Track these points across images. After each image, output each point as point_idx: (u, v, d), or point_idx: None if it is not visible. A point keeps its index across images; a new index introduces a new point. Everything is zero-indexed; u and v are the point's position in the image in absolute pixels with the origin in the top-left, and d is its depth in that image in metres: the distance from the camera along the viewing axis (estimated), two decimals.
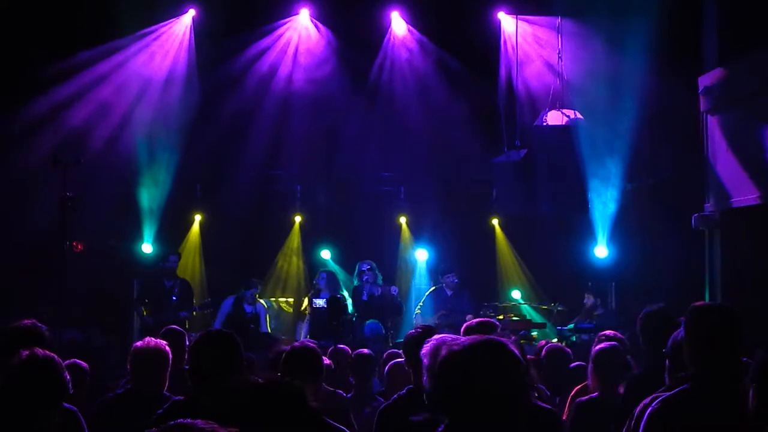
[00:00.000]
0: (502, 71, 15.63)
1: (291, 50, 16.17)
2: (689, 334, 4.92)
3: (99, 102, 14.90)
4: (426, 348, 4.92)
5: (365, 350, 8.99)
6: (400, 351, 6.92)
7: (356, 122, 16.25)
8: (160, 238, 15.49)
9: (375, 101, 16.31)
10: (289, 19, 15.99)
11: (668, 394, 4.83)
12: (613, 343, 7.22)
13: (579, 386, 7.62)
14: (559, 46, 14.41)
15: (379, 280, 14.48)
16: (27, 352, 4.56)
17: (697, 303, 5.09)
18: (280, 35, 16.13)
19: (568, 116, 13.77)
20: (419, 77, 16.29)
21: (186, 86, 15.54)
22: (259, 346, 11.83)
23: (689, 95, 12.93)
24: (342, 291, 14.39)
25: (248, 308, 14.16)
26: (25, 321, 6.03)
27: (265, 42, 16.03)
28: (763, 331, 8.96)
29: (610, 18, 13.16)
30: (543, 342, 10.28)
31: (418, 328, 6.26)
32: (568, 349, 9.44)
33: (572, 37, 14.41)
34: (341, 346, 9.34)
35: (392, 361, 7.99)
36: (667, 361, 5.43)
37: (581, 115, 13.85)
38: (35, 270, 13.64)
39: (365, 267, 14.41)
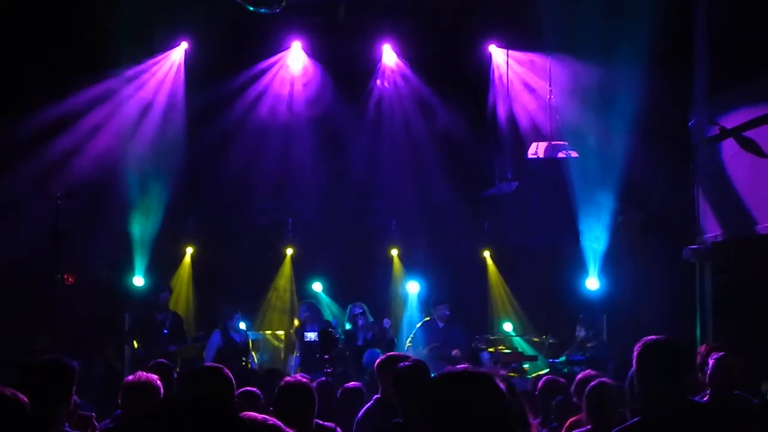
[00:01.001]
0: (493, 104, 15.71)
1: (283, 83, 16.22)
2: (637, 368, 5.04)
3: (91, 134, 14.91)
4: None
5: (354, 384, 8.97)
6: None
7: (348, 154, 16.31)
8: (151, 271, 15.44)
9: (367, 133, 16.36)
10: (281, 53, 16.05)
11: (622, 426, 4.93)
12: (604, 379, 7.23)
13: (573, 418, 7.62)
14: (550, 80, 14.49)
15: (370, 320, 14.45)
16: None
17: (648, 338, 5.18)
18: (273, 68, 16.19)
19: (558, 149, 13.83)
20: (410, 109, 16.35)
21: (178, 119, 15.57)
22: (256, 378, 11.78)
23: (680, 128, 12.99)
24: (328, 319, 14.38)
25: (237, 337, 14.07)
26: (53, 356, 5.94)
27: (257, 75, 16.08)
28: (753, 364, 8.99)
29: (601, 53, 13.23)
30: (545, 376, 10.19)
31: (408, 361, 6.29)
32: (562, 380, 9.42)
33: (563, 71, 14.49)
34: (329, 379, 9.32)
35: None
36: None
37: (572, 147, 13.92)
38: (28, 302, 13.59)
39: (357, 311, 14.38)
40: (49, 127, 14.51)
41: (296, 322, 14.86)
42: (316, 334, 13.31)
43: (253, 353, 14.46)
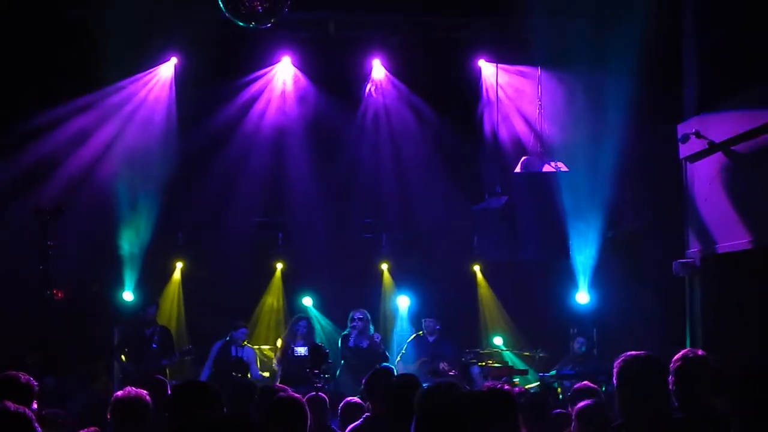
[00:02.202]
0: (482, 118, 15.76)
1: (273, 97, 16.25)
2: (617, 384, 5.06)
3: (79, 148, 14.91)
4: None
5: (354, 399, 8.94)
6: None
7: (337, 169, 16.33)
8: (141, 286, 15.41)
9: (357, 147, 16.39)
10: (271, 66, 16.07)
11: None
12: (593, 400, 7.25)
13: None
14: (539, 95, 14.53)
15: (371, 330, 14.41)
16: None
17: (628, 353, 5.20)
18: (263, 83, 16.21)
19: (548, 163, 13.87)
20: (399, 124, 16.39)
21: (167, 133, 15.57)
22: (246, 394, 11.74)
23: (669, 143, 13.02)
24: (317, 340, 14.37)
25: (233, 352, 14.05)
26: (10, 372, 6.02)
27: (247, 89, 16.11)
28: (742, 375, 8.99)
29: (590, 67, 13.28)
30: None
31: (400, 375, 6.28)
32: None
33: (552, 85, 14.55)
34: (321, 394, 9.28)
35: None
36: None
37: (562, 161, 13.95)
38: (17, 319, 13.53)
39: (358, 315, 14.35)
40: (37, 141, 14.51)
41: (279, 342, 14.77)
42: (306, 348, 13.30)
43: (257, 366, 14.44)
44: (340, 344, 14.25)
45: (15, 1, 13.57)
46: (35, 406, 5.96)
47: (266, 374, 14.61)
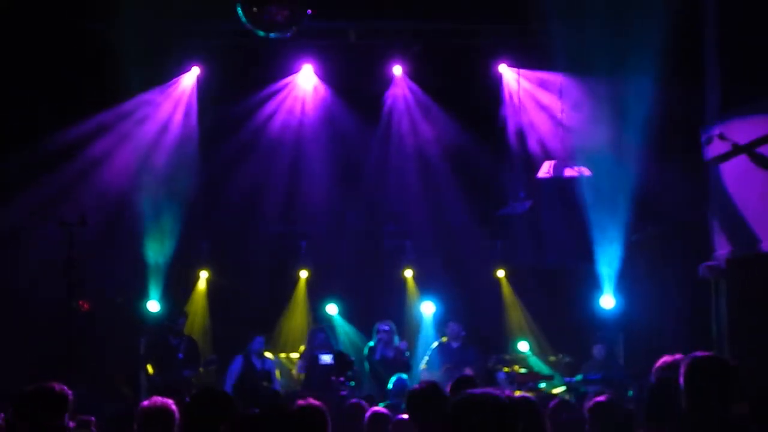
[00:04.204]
0: (505, 123, 15.73)
1: (296, 107, 16.28)
2: (686, 385, 5.06)
3: (103, 160, 14.97)
4: None
5: (381, 408, 8.92)
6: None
7: (360, 176, 16.33)
8: (166, 296, 15.46)
9: (379, 154, 16.39)
10: (292, 75, 16.10)
11: None
12: (605, 396, 7.20)
13: None
14: (561, 98, 14.50)
15: (396, 341, 14.41)
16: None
17: (697, 353, 5.20)
18: (285, 92, 16.24)
19: (571, 167, 13.83)
20: (422, 130, 16.38)
21: (190, 143, 15.63)
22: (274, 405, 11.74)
23: (693, 144, 12.97)
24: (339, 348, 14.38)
25: (257, 363, 14.08)
26: (47, 384, 6.00)
27: (269, 98, 16.14)
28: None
29: (612, 71, 13.24)
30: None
31: (422, 383, 6.27)
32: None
33: (574, 90, 14.51)
34: (354, 400, 9.25)
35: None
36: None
37: (585, 165, 13.92)
38: (44, 330, 13.61)
39: (384, 327, 14.37)
40: (62, 154, 14.58)
41: (302, 348, 14.81)
42: (331, 356, 13.32)
43: (277, 375, 14.45)
44: (366, 354, 14.26)
45: (37, 16, 13.65)
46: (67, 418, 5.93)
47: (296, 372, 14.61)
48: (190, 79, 15.82)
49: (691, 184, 13.25)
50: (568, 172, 14.01)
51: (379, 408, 8.89)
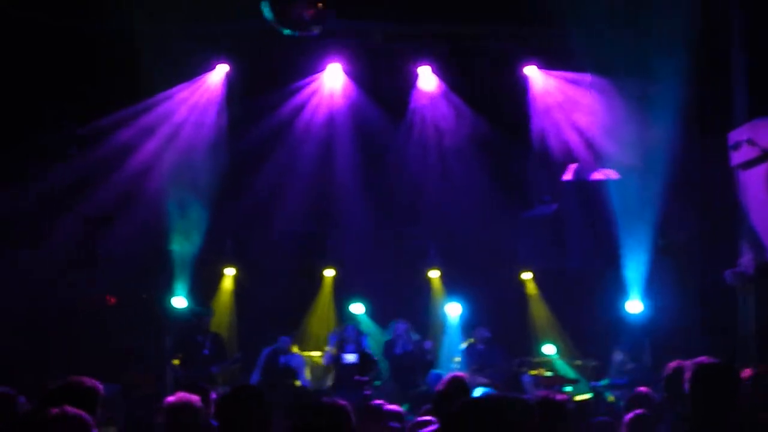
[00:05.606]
0: (531, 125, 15.69)
1: (323, 105, 16.30)
2: (691, 391, 5.06)
3: (130, 155, 15.06)
4: None
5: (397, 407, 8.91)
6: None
7: (385, 176, 16.35)
8: (192, 292, 15.52)
9: (405, 154, 16.40)
10: (319, 74, 16.13)
11: None
12: (641, 411, 7.20)
13: None
14: (588, 102, 14.46)
15: (414, 337, 14.45)
16: (56, 410, 4.53)
17: (703, 361, 5.20)
18: (311, 90, 16.25)
19: (598, 171, 13.80)
20: (446, 131, 16.36)
21: (217, 140, 15.68)
22: (295, 401, 11.79)
23: (720, 151, 12.91)
24: (366, 348, 14.40)
25: (282, 359, 14.12)
26: (76, 377, 5.99)
27: (295, 96, 16.16)
28: None
29: (638, 75, 13.20)
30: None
31: (448, 383, 6.29)
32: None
33: (601, 93, 14.46)
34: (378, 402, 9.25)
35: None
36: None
37: (611, 169, 13.88)
38: (72, 326, 13.71)
39: (401, 328, 14.41)
40: (87, 151, 14.69)
41: (327, 348, 14.86)
42: (355, 356, 13.35)
43: (307, 373, 14.49)
44: (383, 351, 14.30)
45: (64, 12, 13.76)
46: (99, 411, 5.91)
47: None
48: (217, 76, 15.87)
49: (718, 189, 13.19)
50: (595, 175, 13.97)
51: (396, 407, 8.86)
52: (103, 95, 14.43)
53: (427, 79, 16.19)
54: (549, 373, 14.10)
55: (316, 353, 15.72)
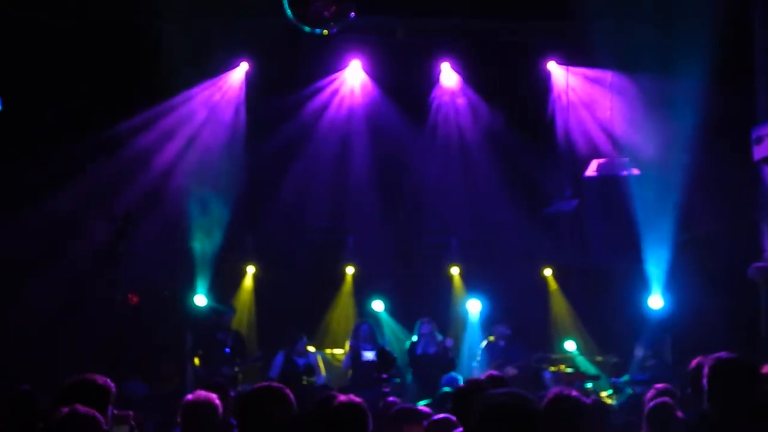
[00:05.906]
0: (553, 121, 15.64)
1: (344, 103, 16.31)
2: (709, 385, 5.06)
3: (151, 154, 15.11)
4: None
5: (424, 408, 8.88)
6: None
7: (407, 172, 16.33)
8: (213, 289, 15.53)
9: (426, 151, 16.38)
10: (340, 71, 16.13)
11: None
12: (665, 399, 7.16)
13: None
14: (610, 97, 14.40)
15: (439, 338, 14.41)
16: (67, 410, 4.53)
17: (719, 355, 5.20)
18: (332, 87, 16.27)
19: (619, 166, 13.74)
20: (469, 128, 16.33)
21: (238, 137, 15.71)
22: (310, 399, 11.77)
23: (743, 144, 12.83)
24: (383, 344, 14.37)
25: (300, 361, 14.11)
26: (89, 375, 5.97)
27: (317, 94, 16.18)
28: None
29: (661, 70, 13.14)
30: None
31: (466, 382, 6.27)
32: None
33: (623, 88, 14.41)
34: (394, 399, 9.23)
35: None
36: None
37: (633, 164, 13.81)
38: (93, 322, 13.75)
39: (426, 328, 14.38)
40: (113, 147, 14.74)
41: (347, 346, 14.82)
42: (374, 353, 13.32)
43: (322, 370, 14.47)
44: (407, 350, 14.28)
45: (85, 11, 13.81)
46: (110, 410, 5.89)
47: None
48: (239, 74, 15.90)
49: (741, 184, 13.11)
50: (616, 171, 13.90)
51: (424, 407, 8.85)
52: (128, 92, 14.47)
53: (448, 76, 16.16)
54: (570, 370, 14.05)
55: (337, 351, 15.71)
